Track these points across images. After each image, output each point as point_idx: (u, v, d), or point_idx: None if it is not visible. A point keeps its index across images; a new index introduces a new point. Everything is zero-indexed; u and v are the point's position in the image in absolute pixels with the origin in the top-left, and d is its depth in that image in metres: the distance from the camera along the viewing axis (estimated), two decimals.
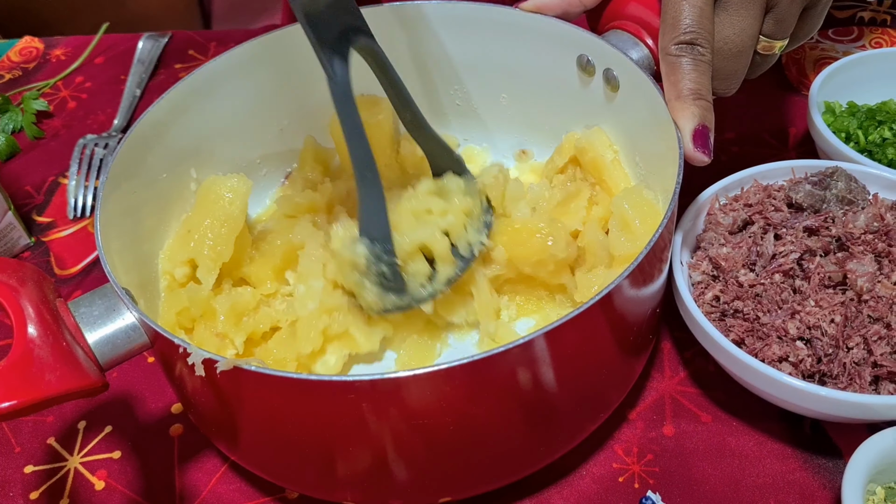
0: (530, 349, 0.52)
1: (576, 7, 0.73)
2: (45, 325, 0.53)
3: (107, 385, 0.56)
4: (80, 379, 0.53)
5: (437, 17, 0.79)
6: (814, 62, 0.99)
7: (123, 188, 0.67)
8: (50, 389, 0.51)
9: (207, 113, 0.76)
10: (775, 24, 0.66)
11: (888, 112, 0.81)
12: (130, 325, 0.56)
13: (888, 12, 1.05)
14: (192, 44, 1.17)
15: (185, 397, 0.63)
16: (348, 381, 0.50)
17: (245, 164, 0.82)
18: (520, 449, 0.60)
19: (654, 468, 0.65)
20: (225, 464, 0.68)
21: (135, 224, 0.69)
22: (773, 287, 0.64)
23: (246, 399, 0.56)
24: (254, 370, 0.50)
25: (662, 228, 0.56)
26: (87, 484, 0.68)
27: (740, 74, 0.66)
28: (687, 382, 0.70)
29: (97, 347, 0.56)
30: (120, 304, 0.56)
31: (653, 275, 0.59)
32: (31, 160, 1.01)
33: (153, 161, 0.71)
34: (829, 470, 0.64)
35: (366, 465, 0.57)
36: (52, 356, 0.52)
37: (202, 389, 0.57)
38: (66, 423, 0.72)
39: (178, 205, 0.75)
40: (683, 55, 0.63)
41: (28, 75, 1.15)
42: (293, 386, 0.51)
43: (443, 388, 0.52)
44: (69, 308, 0.56)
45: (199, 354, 0.51)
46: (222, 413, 0.59)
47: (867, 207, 0.67)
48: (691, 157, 0.61)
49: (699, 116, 0.61)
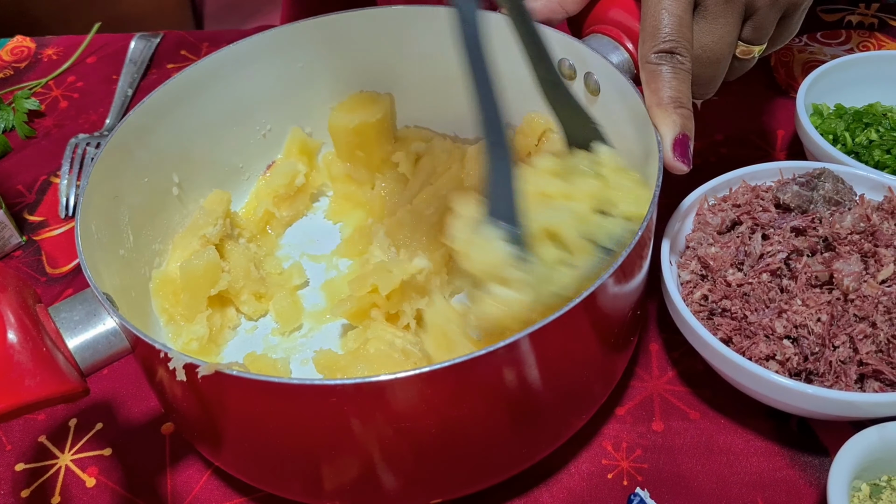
0: (515, 350, 0.52)
1: (558, 13, 0.74)
2: (24, 331, 0.53)
3: (87, 390, 0.55)
4: (61, 384, 0.53)
5: (420, 22, 0.79)
6: (802, 65, 1.00)
7: (105, 192, 0.67)
8: (30, 395, 0.51)
9: (190, 117, 0.76)
10: (754, 30, 0.66)
11: (874, 114, 0.82)
12: (111, 330, 0.56)
13: (876, 16, 1.06)
14: (184, 44, 1.17)
15: (166, 402, 0.62)
16: (330, 384, 0.49)
17: (227, 168, 0.83)
18: (507, 448, 0.60)
19: (643, 464, 0.65)
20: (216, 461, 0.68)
21: (117, 228, 0.70)
22: (760, 286, 0.65)
23: (228, 404, 0.56)
24: (235, 374, 0.50)
25: (643, 230, 0.56)
26: (78, 481, 0.68)
27: (718, 80, 0.67)
28: (676, 381, 0.71)
29: (78, 353, 0.55)
30: (100, 309, 0.56)
31: (633, 273, 0.60)
32: (22, 159, 1.01)
33: (134, 165, 0.72)
34: (815, 467, 0.64)
35: (352, 469, 0.57)
36: (32, 362, 0.52)
37: (184, 394, 0.57)
38: (57, 421, 0.72)
39: (160, 209, 0.76)
40: (663, 63, 0.63)
41: (20, 74, 1.15)
42: (275, 390, 0.51)
43: (427, 391, 0.52)
44: (49, 313, 0.56)
45: (181, 359, 0.51)
46: (204, 418, 0.59)
47: (854, 208, 0.67)
48: (671, 166, 0.62)
49: (680, 125, 0.62)
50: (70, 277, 0.86)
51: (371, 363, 0.64)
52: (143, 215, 0.73)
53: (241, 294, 0.75)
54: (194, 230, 0.74)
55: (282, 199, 0.82)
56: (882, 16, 1.06)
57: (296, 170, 0.82)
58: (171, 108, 0.74)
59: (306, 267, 0.80)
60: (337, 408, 0.52)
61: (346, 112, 0.83)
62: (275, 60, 0.79)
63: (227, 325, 0.75)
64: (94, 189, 0.65)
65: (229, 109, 0.79)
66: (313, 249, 0.83)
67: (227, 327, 0.75)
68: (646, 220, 0.57)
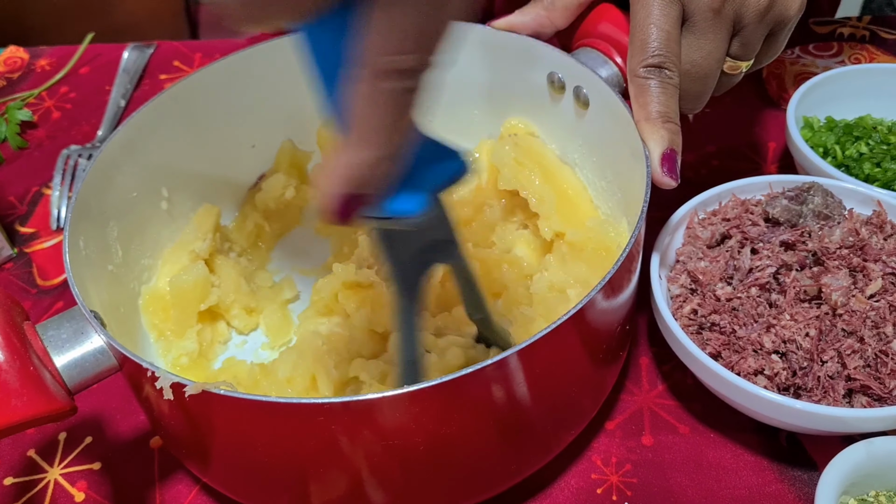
0: (503, 367, 0.52)
1: (547, 28, 0.75)
2: (11, 349, 0.52)
3: (75, 409, 0.55)
4: (48, 403, 0.52)
5: None
6: (794, 77, 1.00)
7: (93, 208, 0.67)
8: (16, 415, 0.51)
9: (178, 132, 0.76)
10: (741, 46, 0.67)
11: (865, 127, 0.82)
12: (98, 349, 0.56)
13: (867, 28, 1.06)
14: (177, 54, 1.17)
15: (154, 420, 0.62)
16: (317, 403, 0.49)
17: (217, 181, 0.82)
18: (497, 464, 0.60)
19: (632, 479, 0.65)
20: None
21: (105, 243, 0.69)
22: (749, 301, 0.65)
23: (215, 422, 0.55)
24: (223, 394, 0.50)
25: (630, 246, 0.56)
26: (66, 496, 0.68)
27: (706, 95, 0.67)
28: (665, 395, 0.71)
29: (65, 371, 0.55)
30: (88, 327, 0.56)
31: (622, 287, 0.60)
32: (14, 170, 1.01)
33: (123, 180, 0.71)
34: (804, 482, 0.64)
35: (340, 486, 0.57)
36: (18, 381, 0.52)
37: (171, 412, 0.56)
38: (47, 435, 0.72)
39: (149, 224, 0.76)
40: (651, 78, 0.63)
41: (12, 85, 1.15)
42: (263, 409, 0.51)
43: (415, 409, 0.51)
44: (37, 331, 0.56)
45: (168, 378, 0.51)
46: (192, 436, 0.59)
47: (843, 222, 0.67)
48: (658, 181, 0.62)
49: (668, 140, 0.62)
50: (61, 290, 0.86)
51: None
52: (131, 230, 0.73)
53: (232, 308, 0.75)
54: (183, 245, 0.74)
55: (272, 212, 0.82)
56: (874, 28, 1.06)
57: (286, 183, 0.82)
58: (160, 123, 0.74)
59: (297, 281, 0.80)
60: (324, 426, 0.51)
61: None
62: (264, 73, 0.79)
63: (218, 339, 0.75)
64: (81, 205, 0.65)
65: (218, 123, 0.79)
66: (304, 263, 0.83)
67: (217, 342, 0.75)
68: (633, 235, 0.57)
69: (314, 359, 0.67)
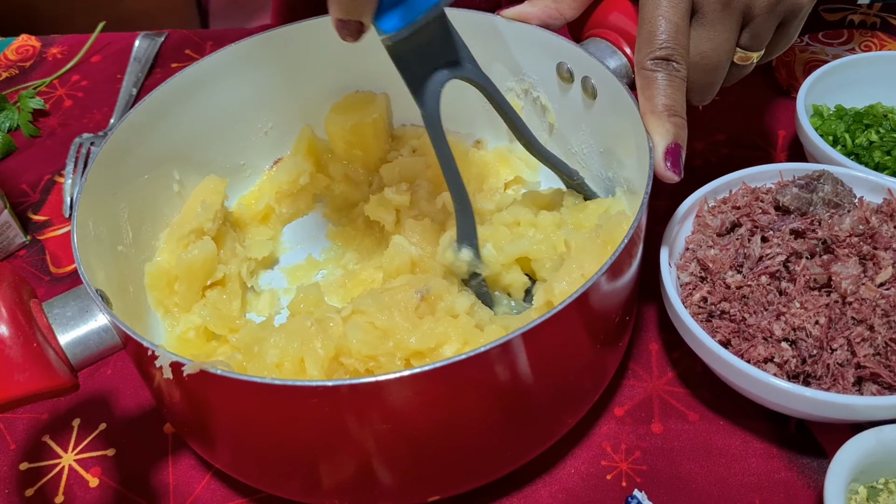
0: (508, 349, 0.52)
1: (556, 19, 0.74)
2: (16, 326, 0.53)
3: (77, 385, 0.56)
4: (50, 379, 0.53)
5: None
6: (804, 65, 1.00)
7: (103, 189, 0.68)
8: (19, 389, 0.52)
9: (190, 116, 0.76)
10: (751, 37, 0.66)
11: (875, 115, 0.82)
12: (103, 327, 0.56)
13: (878, 15, 1.06)
14: (188, 43, 1.18)
15: (159, 399, 0.63)
16: (311, 386, 0.50)
17: (228, 166, 0.83)
18: (500, 446, 0.60)
19: (642, 466, 0.66)
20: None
21: (116, 224, 0.70)
22: (759, 289, 0.65)
23: (215, 402, 0.56)
24: (220, 374, 0.50)
25: (633, 230, 0.57)
26: (81, 481, 0.69)
27: (716, 86, 0.67)
28: (675, 382, 0.71)
29: (69, 348, 0.56)
30: (93, 306, 0.57)
31: (623, 271, 0.60)
32: (27, 158, 1.02)
33: (134, 163, 0.72)
34: (813, 469, 0.65)
35: (344, 468, 0.58)
36: (22, 356, 0.53)
37: (173, 392, 0.57)
38: (61, 421, 0.73)
39: (160, 205, 0.76)
40: (659, 70, 0.63)
41: (25, 73, 1.15)
42: (262, 390, 0.51)
43: (422, 391, 0.52)
44: (43, 309, 0.57)
45: (167, 357, 0.52)
46: (194, 415, 0.59)
47: (853, 210, 0.68)
48: (661, 175, 0.62)
49: (672, 134, 0.62)
50: (74, 277, 0.87)
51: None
52: (142, 211, 0.74)
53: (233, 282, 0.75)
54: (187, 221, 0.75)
55: (284, 195, 0.83)
56: (884, 15, 1.06)
57: (302, 168, 0.83)
58: (172, 107, 0.74)
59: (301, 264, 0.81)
60: (321, 407, 0.52)
61: (342, 112, 0.83)
62: (274, 61, 0.79)
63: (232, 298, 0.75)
64: (92, 186, 0.66)
65: (230, 108, 0.80)
66: (310, 249, 0.83)
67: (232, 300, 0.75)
68: (636, 222, 0.57)
69: (302, 340, 0.67)
